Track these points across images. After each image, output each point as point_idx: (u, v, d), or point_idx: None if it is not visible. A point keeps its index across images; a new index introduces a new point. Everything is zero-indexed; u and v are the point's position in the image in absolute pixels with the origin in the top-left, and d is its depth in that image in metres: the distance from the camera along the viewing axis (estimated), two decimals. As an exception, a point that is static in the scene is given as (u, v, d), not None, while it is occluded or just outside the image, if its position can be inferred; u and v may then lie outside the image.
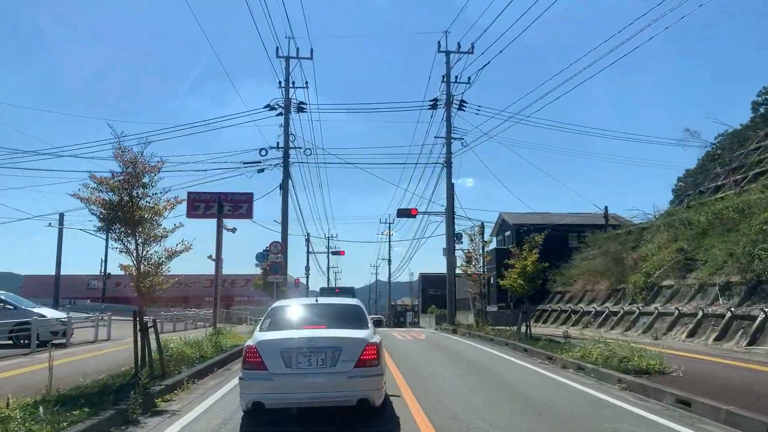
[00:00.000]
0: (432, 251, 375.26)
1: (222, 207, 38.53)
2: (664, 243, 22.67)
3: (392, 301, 77.25)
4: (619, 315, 22.89)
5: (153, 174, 9.44)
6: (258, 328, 6.95)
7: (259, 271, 27.29)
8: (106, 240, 47.12)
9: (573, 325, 26.44)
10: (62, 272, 46.31)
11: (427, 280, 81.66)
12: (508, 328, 23.29)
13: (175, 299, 51.75)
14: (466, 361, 12.94)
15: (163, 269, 9.49)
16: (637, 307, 21.62)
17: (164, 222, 9.56)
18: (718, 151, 60.14)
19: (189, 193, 42.80)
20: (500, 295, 38.70)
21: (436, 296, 78.53)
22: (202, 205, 43.49)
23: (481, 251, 23.72)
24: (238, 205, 44.99)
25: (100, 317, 19.58)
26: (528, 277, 17.26)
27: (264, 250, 26.96)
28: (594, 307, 25.69)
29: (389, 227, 66.88)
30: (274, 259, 24.62)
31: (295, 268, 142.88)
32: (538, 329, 23.20)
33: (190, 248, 9.74)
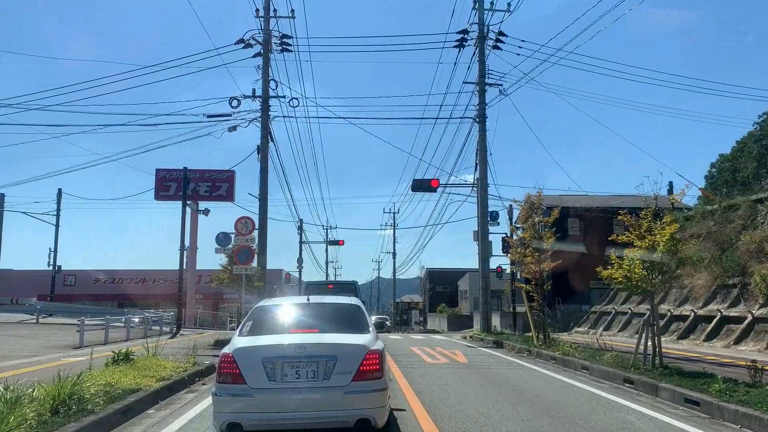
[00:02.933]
0: (438, 248, 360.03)
1: (190, 183, 30.83)
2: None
3: (396, 298, 70.09)
4: (746, 322, 15.65)
5: None
6: (237, 332, 5.83)
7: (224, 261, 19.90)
8: (56, 226, 40.06)
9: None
10: (13, 267, 39.90)
11: (434, 275, 74.59)
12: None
13: (163, 297, 44.72)
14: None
15: None
16: (785, 312, 14.41)
17: None
18: (760, 131, 53.00)
19: (158, 171, 34.99)
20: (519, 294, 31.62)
21: (443, 294, 71.51)
22: (173, 184, 35.48)
23: (541, 229, 16.42)
24: (217, 184, 36.98)
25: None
26: (659, 265, 10.04)
27: (231, 233, 19.44)
28: (692, 310, 18.43)
29: (393, 216, 59.86)
30: (241, 241, 17.23)
31: (287, 263, 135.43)
32: (606, 340, 15.85)
33: None
